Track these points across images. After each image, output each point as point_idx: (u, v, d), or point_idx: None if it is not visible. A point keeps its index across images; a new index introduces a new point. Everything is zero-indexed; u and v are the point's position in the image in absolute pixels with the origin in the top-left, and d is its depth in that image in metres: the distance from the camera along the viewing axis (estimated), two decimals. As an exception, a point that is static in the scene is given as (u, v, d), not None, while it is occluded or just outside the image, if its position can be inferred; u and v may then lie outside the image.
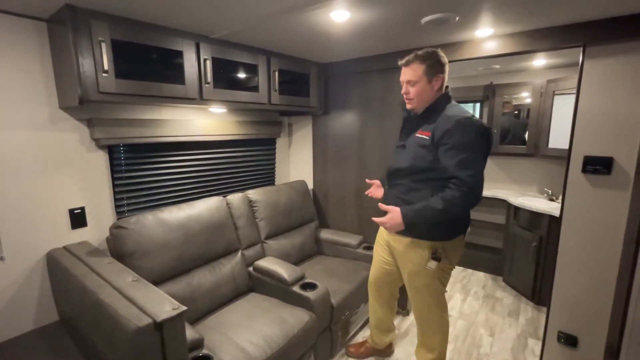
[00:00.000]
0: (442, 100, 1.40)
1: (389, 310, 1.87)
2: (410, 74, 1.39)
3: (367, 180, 1.80)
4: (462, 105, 1.43)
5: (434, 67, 1.37)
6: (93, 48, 1.32)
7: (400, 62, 1.43)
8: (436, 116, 1.36)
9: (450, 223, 1.41)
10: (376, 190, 1.73)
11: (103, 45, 1.33)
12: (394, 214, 1.36)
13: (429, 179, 1.37)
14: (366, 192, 1.78)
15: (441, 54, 1.40)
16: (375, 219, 1.43)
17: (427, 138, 1.35)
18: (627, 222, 1.51)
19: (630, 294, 1.41)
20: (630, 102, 1.47)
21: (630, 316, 1.41)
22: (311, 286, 1.79)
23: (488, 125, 1.25)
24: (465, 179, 1.25)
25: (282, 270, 1.85)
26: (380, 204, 1.45)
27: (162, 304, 1.04)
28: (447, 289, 2.44)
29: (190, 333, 1.28)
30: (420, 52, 1.38)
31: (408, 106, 1.46)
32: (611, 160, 1.54)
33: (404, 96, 1.44)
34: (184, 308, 1.04)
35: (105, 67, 1.34)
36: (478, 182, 1.27)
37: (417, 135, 1.41)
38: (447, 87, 1.45)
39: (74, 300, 1.29)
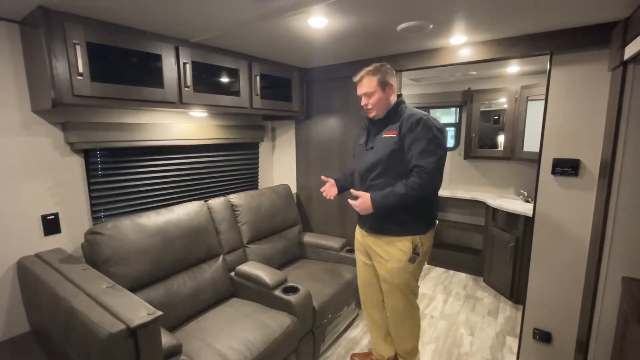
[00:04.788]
0: (400, 104, 1.56)
1: (383, 312, 1.83)
2: (365, 86, 1.53)
3: (323, 177, 1.84)
4: (442, 110, 1.49)
5: (385, 77, 1.51)
6: (67, 51, 1.30)
7: (355, 80, 1.57)
8: (398, 117, 1.52)
9: (424, 215, 1.56)
10: (330, 189, 1.81)
11: (78, 48, 1.31)
12: (364, 198, 1.49)
13: (401, 173, 1.48)
14: (321, 189, 1.83)
15: (388, 66, 1.55)
16: (350, 201, 1.55)
17: (395, 136, 1.49)
18: (593, 221, 1.59)
19: (596, 291, 1.48)
20: (593, 106, 1.56)
21: (597, 312, 1.47)
22: (293, 290, 1.79)
23: (442, 126, 1.51)
24: (425, 165, 1.40)
25: (264, 274, 1.84)
26: (352, 190, 1.59)
27: (137, 310, 1.03)
28: (429, 291, 2.58)
29: (167, 339, 1.26)
30: (369, 68, 1.53)
31: (370, 115, 1.58)
32: (578, 162, 1.62)
33: (365, 107, 1.58)
34: (160, 313, 1.02)
35: (80, 70, 1.32)
36: (436, 170, 1.42)
37: (384, 136, 1.54)
38: (400, 94, 1.61)
39: (45, 309, 1.25)
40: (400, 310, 1.67)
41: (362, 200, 1.49)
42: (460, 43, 1.82)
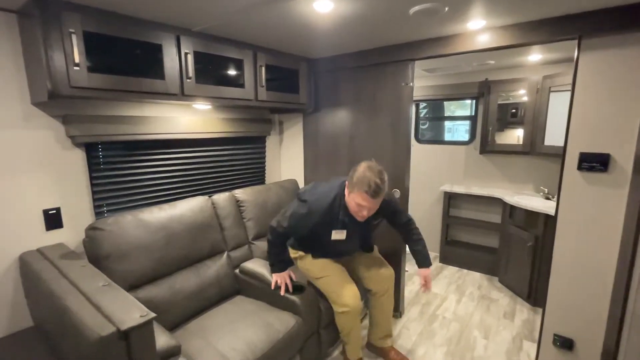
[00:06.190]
0: None
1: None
2: (376, 204, 1.50)
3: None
4: (457, 102, 1.37)
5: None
6: (63, 40, 1.25)
7: (371, 195, 1.45)
8: None
9: None
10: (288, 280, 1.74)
11: (74, 37, 1.26)
12: (428, 274, 1.78)
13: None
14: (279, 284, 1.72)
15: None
16: (427, 290, 1.80)
17: (381, 219, 1.82)
18: (624, 222, 1.45)
19: (627, 296, 1.36)
20: (627, 96, 1.42)
21: (628, 319, 1.35)
22: (299, 289, 1.73)
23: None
24: (410, 217, 1.82)
25: (269, 272, 1.78)
26: (427, 289, 1.80)
27: (130, 311, 0.98)
28: (442, 290, 2.87)
29: (165, 340, 1.21)
30: (384, 186, 1.46)
31: (360, 219, 1.57)
32: (608, 157, 1.48)
33: (359, 215, 1.53)
34: (153, 315, 0.97)
35: (77, 60, 1.28)
36: None
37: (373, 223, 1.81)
38: None
39: (43, 306, 1.23)
40: (392, 299, 1.90)
41: (429, 277, 1.79)
42: (478, 28, 1.69)
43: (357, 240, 1.80)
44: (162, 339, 1.18)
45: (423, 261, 1.77)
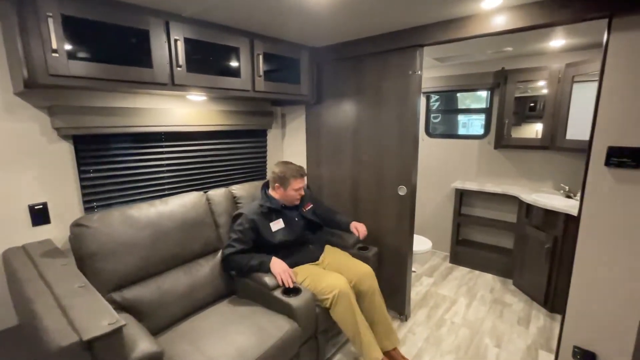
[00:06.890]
0: None
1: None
2: (305, 181, 1.91)
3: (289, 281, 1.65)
4: (469, 94, 1.22)
5: None
6: (40, 24, 1.17)
7: (303, 175, 1.88)
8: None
9: None
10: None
11: (51, 21, 1.18)
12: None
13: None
14: (286, 279, 1.64)
15: None
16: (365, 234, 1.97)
17: (312, 205, 2.05)
18: (660, 224, 1.29)
19: (662, 310, 1.20)
20: (666, 81, 1.24)
21: (662, 335, 1.20)
22: (295, 291, 1.63)
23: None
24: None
25: (264, 272, 1.69)
26: (362, 236, 1.97)
27: (99, 318, 0.89)
28: (451, 292, 2.72)
29: (147, 345, 1.12)
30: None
31: (297, 203, 1.92)
32: (641, 151, 1.31)
33: (298, 197, 1.89)
34: (122, 323, 0.89)
35: (54, 47, 1.20)
36: None
37: (307, 209, 2.00)
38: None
39: (19, 306, 1.17)
40: (380, 295, 1.84)
41: (360, 224, 2.00)
42: (494, 7, 1.52)
43: (300, 225, 1.91)
44: (143, 345, 1.10)
45: (346, 219, 2.05)
